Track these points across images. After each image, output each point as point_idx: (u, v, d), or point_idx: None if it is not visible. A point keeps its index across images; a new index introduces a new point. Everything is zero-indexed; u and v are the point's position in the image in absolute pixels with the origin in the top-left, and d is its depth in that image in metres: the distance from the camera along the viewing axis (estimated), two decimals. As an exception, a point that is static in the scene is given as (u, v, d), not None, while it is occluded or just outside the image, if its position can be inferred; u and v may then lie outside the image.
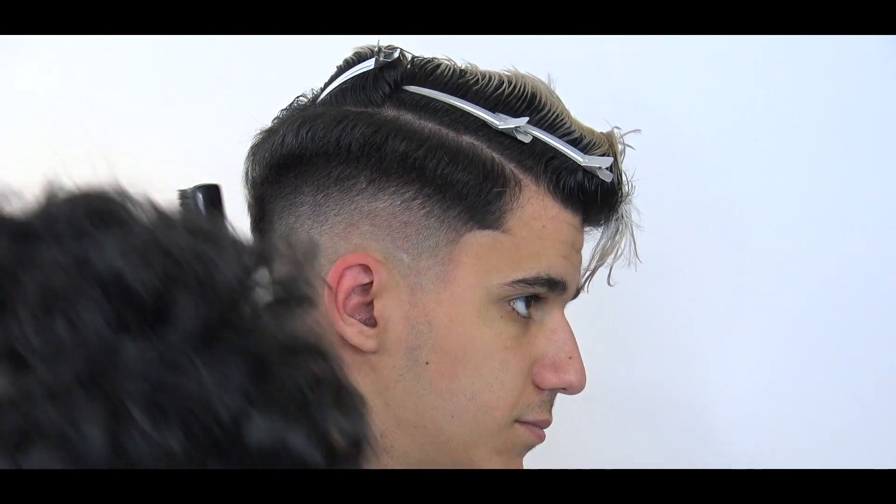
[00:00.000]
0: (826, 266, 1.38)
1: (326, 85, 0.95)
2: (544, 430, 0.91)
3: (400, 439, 0.87)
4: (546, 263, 0.87)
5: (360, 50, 0.93)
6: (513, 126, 0.87)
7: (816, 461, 1.20)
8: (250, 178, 0.94)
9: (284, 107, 0.96)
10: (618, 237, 0.93)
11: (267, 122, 0.96)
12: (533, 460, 0.92)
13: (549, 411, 0.90)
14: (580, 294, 0.94)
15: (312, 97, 0.96)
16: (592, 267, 0.94)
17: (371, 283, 0.86)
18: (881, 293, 1.37)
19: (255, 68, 1.49)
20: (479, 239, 0.86)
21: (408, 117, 0.88)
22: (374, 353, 0.86)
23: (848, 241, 1.38)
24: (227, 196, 1.04)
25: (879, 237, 1.37)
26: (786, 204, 1.39)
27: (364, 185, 0.87)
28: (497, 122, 0.87)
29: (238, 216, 0.98)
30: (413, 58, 0.92)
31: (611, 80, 1.36)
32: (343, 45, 0.96)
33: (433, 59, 0.92)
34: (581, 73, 0.99)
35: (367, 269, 0.86)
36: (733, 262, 1.41)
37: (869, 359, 1.38)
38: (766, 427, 1.40)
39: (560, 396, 0.92)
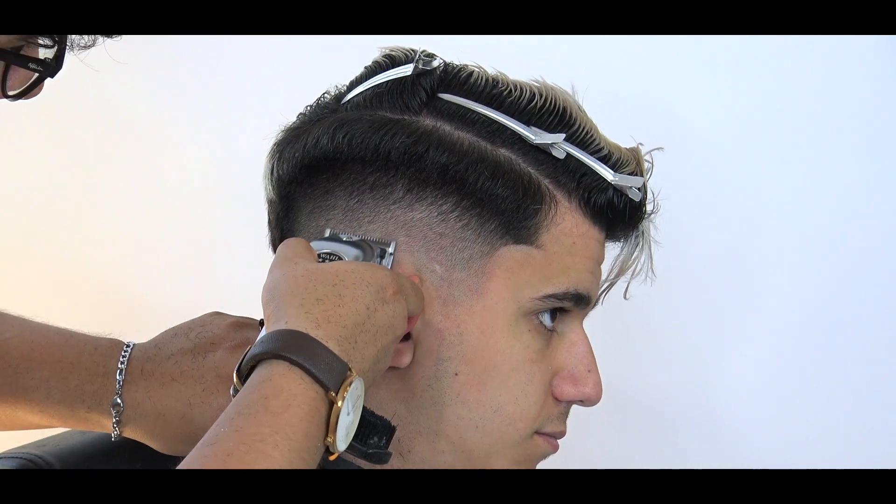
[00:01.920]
0: (835, 274, 1.40)
1: (353, 84, 0.94)
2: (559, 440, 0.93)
3: (419, 445, 0.88)
4: (575, 279, 0.88)
5: (393, 53, 0.92)
6: (549, 142, 0.88)
7: (828, 465, 1.22)
8: (276, 174, 0.92)
9: (310, 103, 0.95)
10: (637, 252, 0.94)
11: (290, 119, 0.95)
12: (547, 466, 0.93)
13: (565, 422, 0.92)
14: (596, 306, 0.95)
15: (336, 95, 0.95)
16: (611, 280, 0.95)
17: None
18: (891, 302, 1.39)
19: (270, 66, 1.47)
20: (512, 253, 0.87)
21: (446, 128, 0.88)
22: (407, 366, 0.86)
23: (856, 254, 1.39)
24: (247, 190, 1.03)
25: (887, 247, 1.39)
26: (792, 213, 1.40)
27: (401, 195, 0.86)
28: (533, 137, 0.88)
29: (255, 211, 0.98)
30: (445, 64, 0.92)
31: (611, 84, 1.37)
32: (354, 44, 0.95)
33: (464, 65, 0.92)
34: (591, 79, 0.98)
35: None
36: (743, 272, 1.42)
37: (879, 366, 1.40)
38: (777, 433, 1.42)
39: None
